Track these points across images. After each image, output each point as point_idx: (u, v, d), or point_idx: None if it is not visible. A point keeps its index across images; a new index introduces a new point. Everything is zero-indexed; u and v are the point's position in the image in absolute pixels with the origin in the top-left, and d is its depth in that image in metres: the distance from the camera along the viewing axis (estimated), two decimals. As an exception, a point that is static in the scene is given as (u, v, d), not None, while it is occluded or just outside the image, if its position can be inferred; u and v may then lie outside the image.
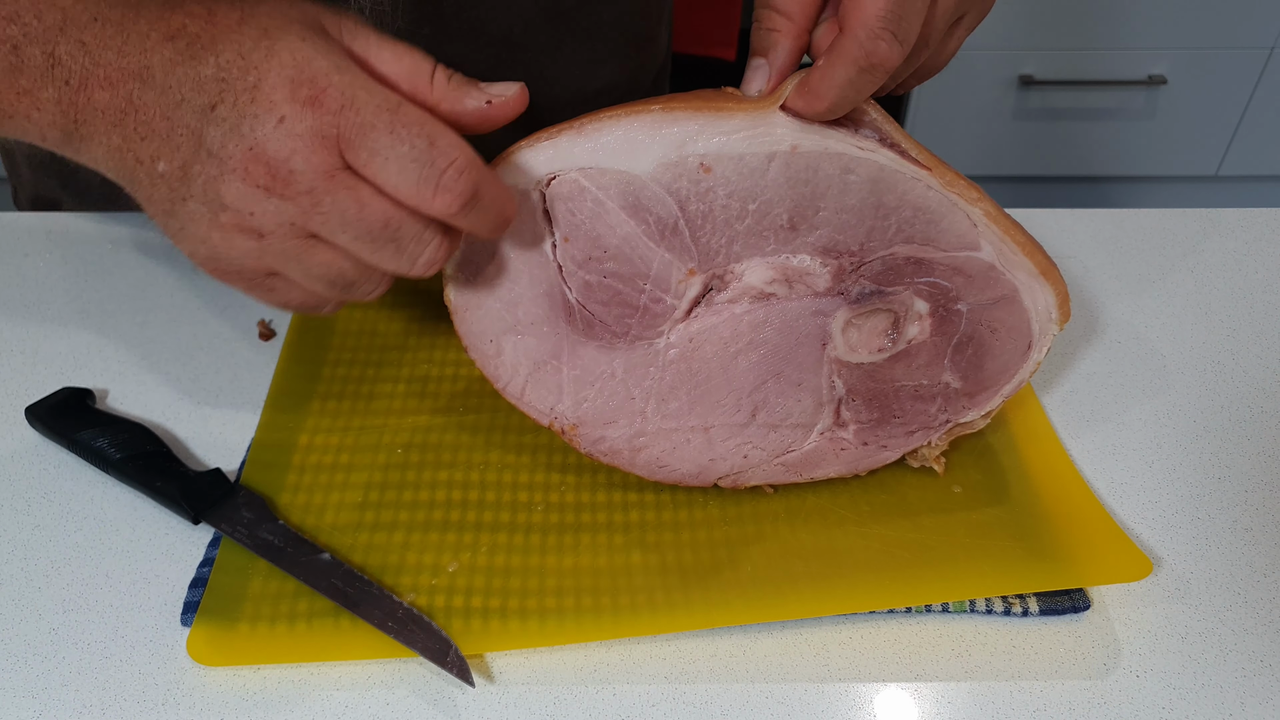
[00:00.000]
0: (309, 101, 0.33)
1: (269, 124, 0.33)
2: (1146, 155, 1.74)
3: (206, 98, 0.34)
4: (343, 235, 0.36)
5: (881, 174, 0.39)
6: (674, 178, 0.39)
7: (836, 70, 0.36)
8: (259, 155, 0.34)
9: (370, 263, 0.37)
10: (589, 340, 0.42)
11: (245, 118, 0.34)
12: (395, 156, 0.34)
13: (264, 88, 0.33)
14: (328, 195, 0.34)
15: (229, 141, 0.34)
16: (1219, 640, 0.42)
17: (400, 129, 0.34)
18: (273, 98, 0.33)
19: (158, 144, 0.35)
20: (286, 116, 0.33)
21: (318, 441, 0.49)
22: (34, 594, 0.43)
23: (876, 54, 0.36)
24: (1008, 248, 0.41)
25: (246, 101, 0.34)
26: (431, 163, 0.34)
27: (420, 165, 0.34)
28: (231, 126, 0.34)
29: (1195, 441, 0.51)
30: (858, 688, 0.40)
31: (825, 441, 0.45)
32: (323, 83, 0.33)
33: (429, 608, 0.42)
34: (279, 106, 0.33)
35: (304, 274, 0.37)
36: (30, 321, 0.57)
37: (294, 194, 0.34)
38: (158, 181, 0.36)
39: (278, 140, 0.34)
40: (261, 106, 0.33)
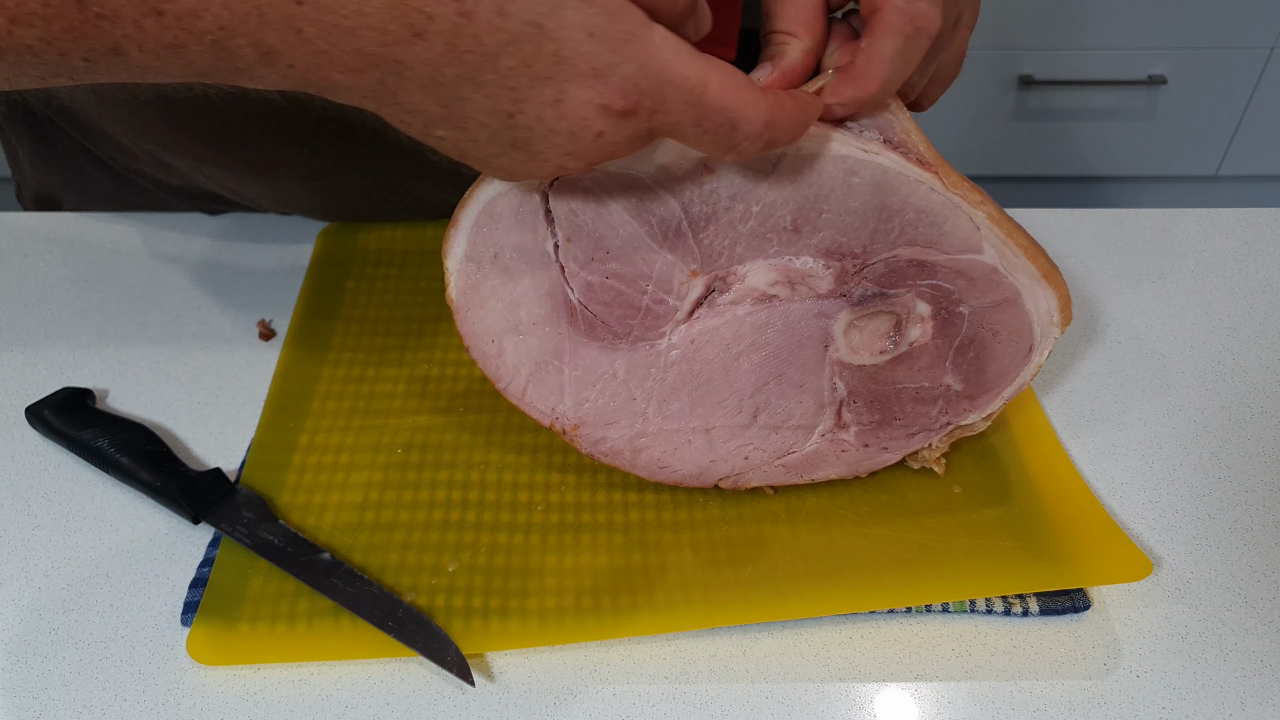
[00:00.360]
0: (623, 115, 0.32)
1: (587, 138, 0.32)
2: (1146, 155, 1.74)
3: (498, 104, 0.31)
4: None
5: (885, 177, 0.39)
6: (677, 179, 0.39)
7: (884, 44, 0.36)
8: (579, 156, 0.33)
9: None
10: (591, 341, 0.42)
11: (557, 133, 0.32)
12: (699, 141, 0.34)
13: (569, 103, 0.31)
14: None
15: (539, 145, 0.32)
16: (1219, 640, 0.42)
17: (705, 121, 0.33)
18: (583, 115, 0.31)
19: (431, 118, 0.33)
20: (604, 132, 0.32)
21: (318, 441, 0.49)
22: (34, 594, 0.43)
23: (920, 16, 0.36)
24: (1010, 251, 0.41)
25: (553, 117, 0.31)
26: (732, 143, 0.34)
27: (720, 143, 0.34)
28: (540, 136, 0.32)
29: (1195, 441, 0.51)
30: (858, 688, 0.40)
31: (826, 443, 0.45)
32: (633, 95, 0.31)
33: (429, 607, 0.42)
34: (593, 123, 0.31)
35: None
36: (30, 321, 0.57)
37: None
38: (437, 141, 0.34)
39: (596, 149, 0.33)
40: (574, 124, 0.31)
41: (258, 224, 0.64)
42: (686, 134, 0.33)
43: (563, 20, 0.30)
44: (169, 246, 0.62)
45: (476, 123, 0.32)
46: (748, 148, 0.34)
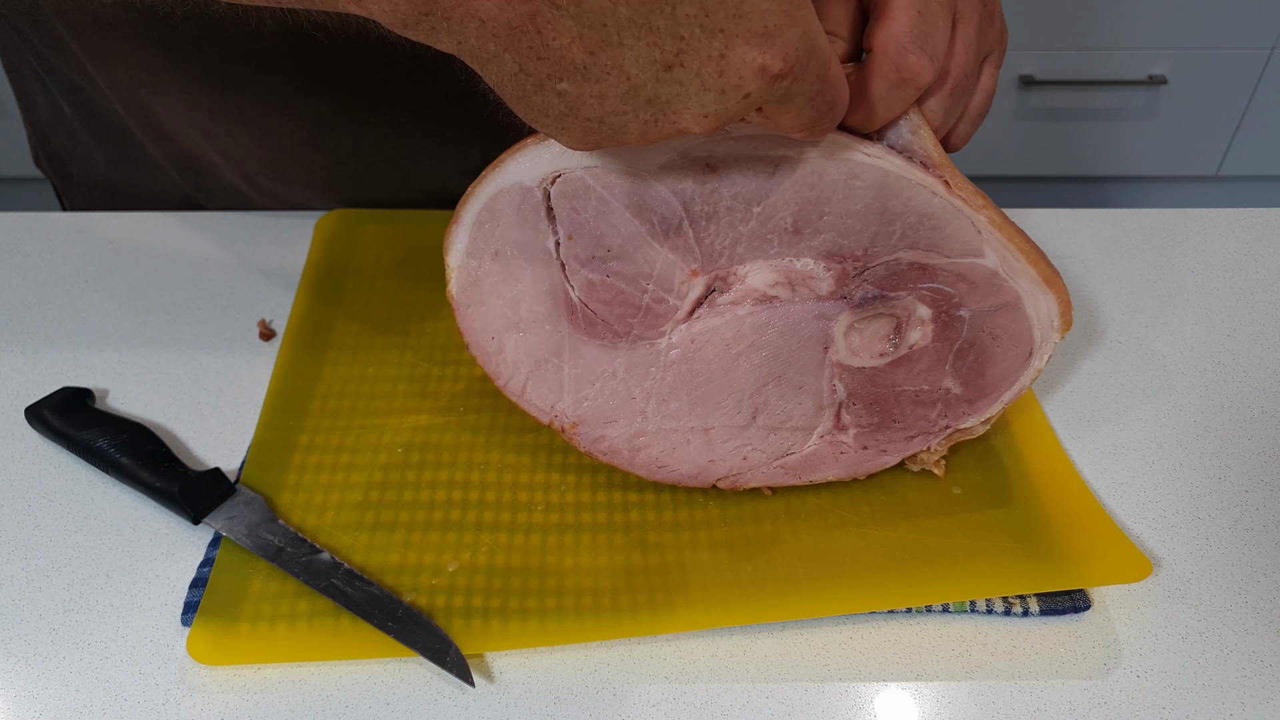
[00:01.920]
0: (776, 77, 0.31)
1: (734, 99, 0.31)
2: (1146, 155, 1.74)
3: (659, 54, 0.30)
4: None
5: (887, 180, 0.39)
6: (679, 178, 0.39)
7: (870, 84, 0.37)
8: (710, 120, 0.32)
9: None
10: (590, 339, 0.42)
11: (709, 90, 0.31)
12: (799, 113, 0.33)
13: (732, 59, 0.30)
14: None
15: (680, 104, 0.31)
16: (1219, 640, 0.42)
17: (817, 98, 0.33)
18: (741, 73, 0.30)
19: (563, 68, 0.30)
20: (752, 94, 0.31)
21: (318, 441, 0.49)
22: (34, 594, 0.43)
23: (907, 68, 0.36)
24: (1011, 255, 0.41)
25: (713, 73, 0.30)
26: (820, 120, 0.34)
27: (812, 120, 0.34)
28: (692, 93, 0.31)
29: (1195, 442, 0.51)
30: (858, 688, 0.40)
31: (825, 445, 0.45)
32: (791, 58, 0.30)
33: (429, 608, 0.42)
34: (747, 82, 0.30)
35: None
36: (30, 321, 0.57)
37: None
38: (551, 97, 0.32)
39: (734, 110, 0.32)
40: (729, 80, 0.30)
41: (258, 223, 0.64)
42: (798, 105, 0.33)
43: None
44: (169, 246, 0.62)
45: (620, 75, 0.30)
46: (825, 127, 0.35)
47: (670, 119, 0.32)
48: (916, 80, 0.36)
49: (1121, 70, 1.62)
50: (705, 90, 0.31)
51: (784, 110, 0.33)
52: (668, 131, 0.32)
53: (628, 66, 0.30)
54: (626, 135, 0.33)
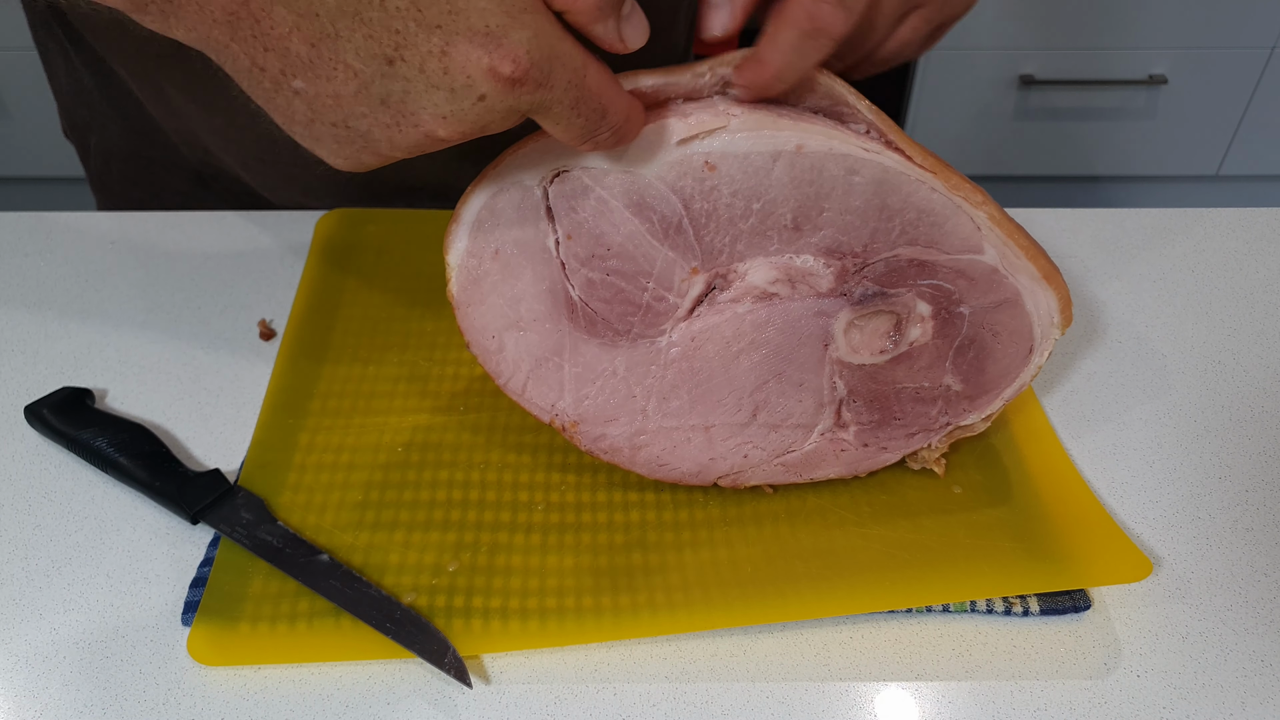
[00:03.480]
0: (510, 82, 0.30)
1: (468, 101, 0.31)
2: (1146, 155, 1.74)
3: (378, 47, 0.30)
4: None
5: (886, 175, 0.39)
6: (678, 176, 0.39)
7: (780, 35, 0.36)
8: (453, 124, 0.31)
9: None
10: (591, 338, 0.42)
11: (438, 88, 0.30)
12: (568, 124, 0.34)
13: (455, 57, 0.30)
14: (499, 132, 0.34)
15: (413, 103, 0.31)
16: (1219, 640, 0.42)
17: (581, 105, 0.33)
18: (469, 72, 0.30)
19: (291, 63, 0.31)
20: (487, 96, 0.31)
21: (318, 441, 0.49)
22: (34, 594, 0.43)
23: (820, 17, 0.35)
24: (1011, 252, 0.41)
25: (437, 70, 0.30)
26: (594, 130, 0.34)
27: (585, 131, 0.34)
28: (420, 90, 0.31)
29: (1195, 441, 0.51)
30: (858, 687, 0.40)
31: (825, 442, 0.45)
32: (524, 62, 0.30)
33: (429, 608, 0.42)
34: (478, 84, 0.30)
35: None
36: (30, 321, 0.57)
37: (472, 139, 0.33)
38: (290, 97, 0.32)
39: (475, 116, 0.31)
40: (457, 79, 0.30)
41: (258, 223, 0.64)
42: (561, 115, 0.33)
43: None
44: (169, 246, 0.62)
45: (346, 70, 0.30)
46: (604, 139, 0.35)
47: (411, 120, 0.31)
48: (829, 31, 0.36)
49: (1121, 70, 1.62)
50: (434, 88, 0.30)
51: (546, 120, 0.33)
52: (415, 137, 0.32)
53: (350, 60, 0.30)
54: (378, 143, 0.32)
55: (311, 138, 0.33)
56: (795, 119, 0.38)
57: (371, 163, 0.34)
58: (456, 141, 0.33)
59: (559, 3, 0.32)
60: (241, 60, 0.31)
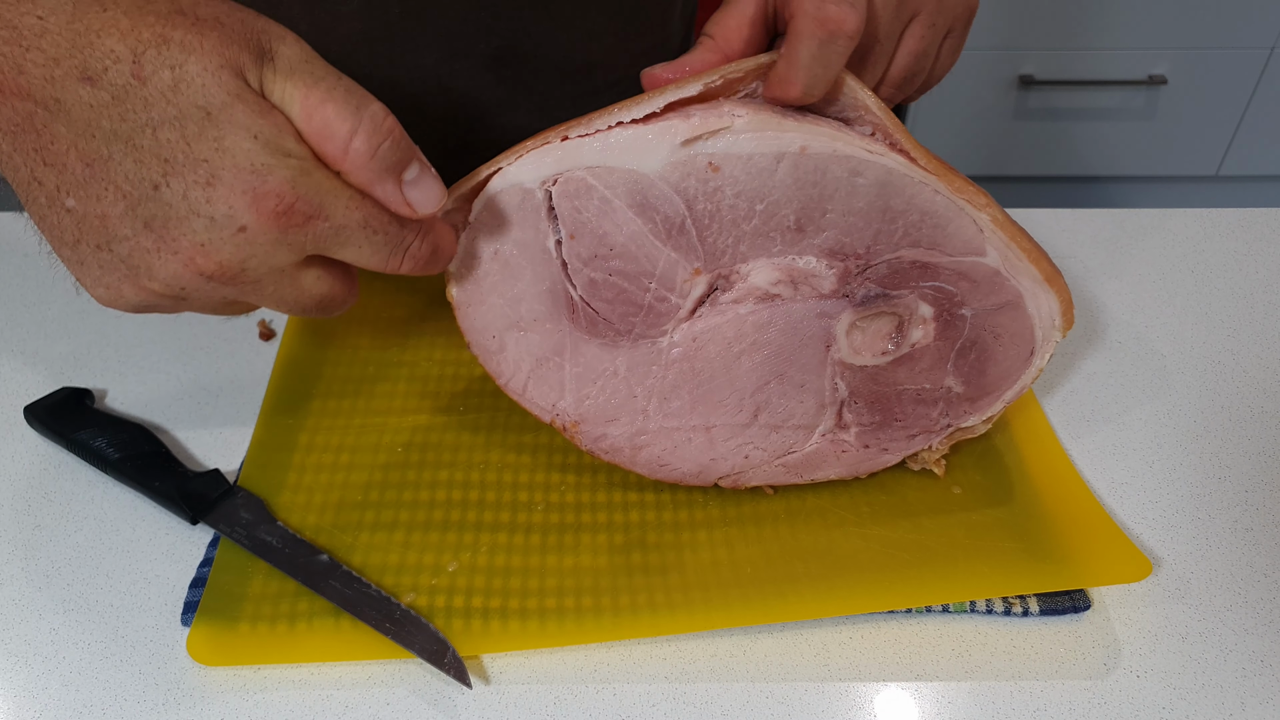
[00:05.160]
0: (275, 215, 0.31)
1: (227, 230, 0.31)
2: (1146, 155, 1.74)
3: (146, 171, 0.31)
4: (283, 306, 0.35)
5: (889, 177, 0.39)
6: (682, 176, 0.39)
7: (799, 50, 0.36)
8: (211, 254, 0.32)
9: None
10: (592, 338, 0.42)
11: (199, 215, 0.31)
12: (366, 246, 0.34)
13: (220, 188, 0.31)
14: (278, 284, 0.34)
15: (175, 229, 0.31)
16: (1219, 640, 0.42)
17: (373, 222, 0.33)
18: (232, 202, 0.31)
19: (67, 179, 0.31)
20: (249, 227, 0.31)
21: (318, 441, 0.49)
22: (34, 594, 0.43)
23: (830, 20, 0.36)
24: (1013, 254, 0.41)
25: (201, 199, 0.31)
26: (399, 242, 0.34)
27: (389, 249, 0.34)
28: (180, 215, 0.31)
29: (1195, 441, 0.51)
30: (858, 688, 0.40)
31: (826, 443, 0.45)
32: (289, 196, 0.31)
33: (429, 608, 0.42)
34: (240, 214, 0.31)
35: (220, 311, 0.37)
36: (30, 321, 0.57)
37: (241, 283, 0.33)
38: (61, 214, 0.32)
39: (235, 247, 0.32)
40: (219, 208, 0.31)
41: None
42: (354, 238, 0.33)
43: (232, 116, 0.30)
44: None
45: (116, 190, 0.31)
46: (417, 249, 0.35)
47: (171, 246, 0.32)
48: (843, 29, 0.36)
49: (1121, 70, 1.62)
50: (195, 215, 0.31)
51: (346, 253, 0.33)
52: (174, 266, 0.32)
53: (120, 182, 0.31)
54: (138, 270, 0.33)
55: (76, 260, 0.33)
56: (799, 120, 0.38)
57: (129, 295, 0.34)
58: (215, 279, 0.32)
59: (332, 164, 0.33)
60: (22, 171, 0.32)
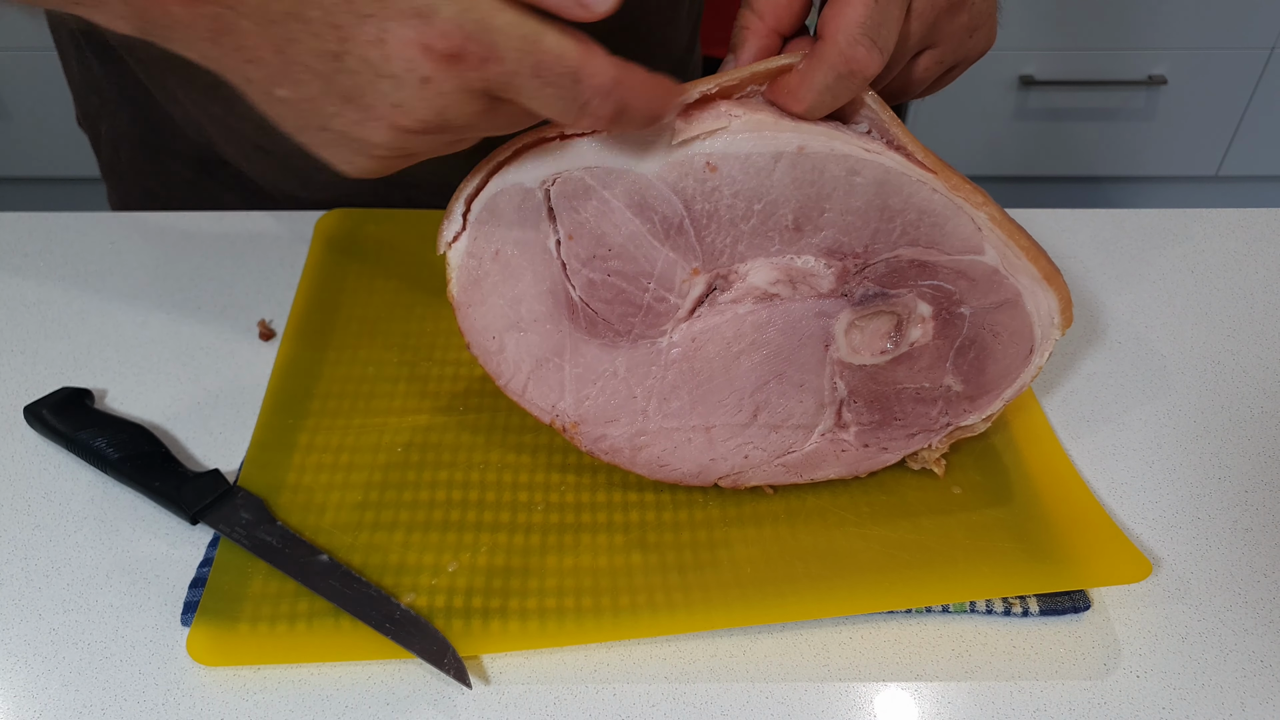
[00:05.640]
0: (449, 59, 0.30)
1: (411, 85, 0.31)
2: (1146, 155, 1.74)
3: (324, 44, 0.30)
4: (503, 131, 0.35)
5: (887, 176, 0.39)
6: (680, 176, 0.39)
7: (815, 75, 0.37)
8: (409, 113, 0.32)
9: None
10: (592, 338, 0.42)
11: (382, 76, 0.31)
12: (542, 97, 0.33)
13: (391, 42, 0.30)
14: (484, 122, 0.33)
15: (368, 96, 0.31)
16: (1219, 640, 0.42)
17: (544, 71, 0.32)
18: (406, 55, 0.30)
19: (270, 71, 0.32)
20: (430, 77, 0.31)
21: (318, 441, 0.49)
22: (34, 594, 0.43)
23: (855, 60, 0.36)
24: (1011, 252, 0.41)
25: (378, 58, 0.30)
26: (576, 97, 0.33)
27: (566, 100, 0.33)
28: (368, 81, 0.31)
29: (1195, 441, 0.51)
30: (858, 688, 0.40)
31: (826, 443, 0.45)
32: (457, 35, 0.30)
33: (429, 608, 0.42)
34: (418, 66, 0.30)
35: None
36: (30, 321, 0.57)
37: (449, 130, 0.33)
38: (279, 106, 0.33)
39: (426, 101, 0.31)
40: (397, 65, 0.30)
41: (258, 223, 0.64)
42: (529, 89, 0.32)
43: None
44: (169, 246, 0.62)
45: (309, 71, 0.31)
46: (599, 106, 0.33)
47: (373, 114, 0.32)
48: (862, 72, 0.37)
49: (1121, 70, 1.62)
50: (381, 77, 0.31)
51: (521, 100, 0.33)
52: (382, 131, 0.32)
53: (308, 61, 0.31)
54: (359, 143, 0.33)
55: (313, 145, 0.34)
56: (796, 120, 0.38)
57: (370, 165, 0.34)
58: (425, 133, 0.32)
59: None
60: (235, 74, 0.32)
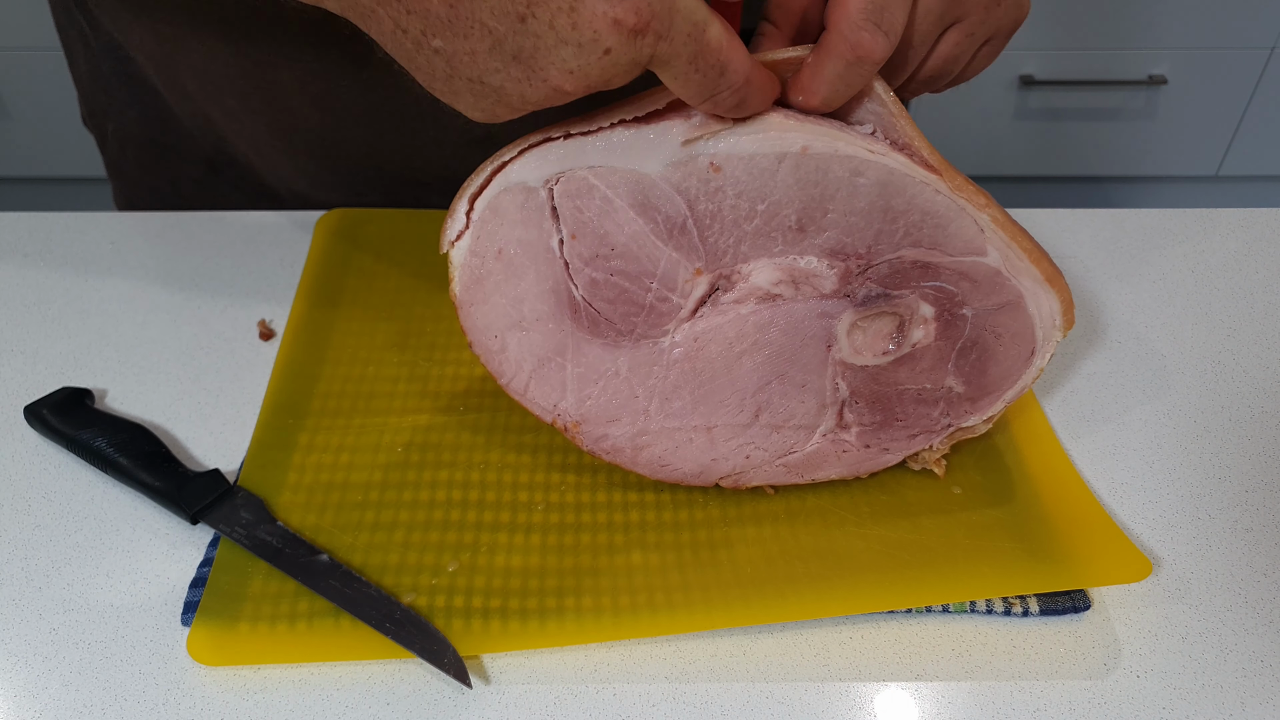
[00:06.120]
0: (634, 33, 0.32)
1: (594, 54, 0.32)
2: (1146, 155, 1.74)
3: (511, 5, 0.32)
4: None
5: (891, 177, 0.39)
6: (683, 176, 0.39)
7: (825, 66, 0.37)
8: (580, 78, 0.33)
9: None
10: (594, 338, 0.42)
11: (566, 43, 0.32)
12: (686, 80, 0.35)
13: (583, 12, 0.31)
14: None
15: (544, 58, 0.33)
16: (1219, 640, 0.42)
17: (699, 60, 0.34)
18: (596, 26, 0.32)
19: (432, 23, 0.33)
20: (613, 49, 0.32)
21: (318, 441, 0.49)
22: (34, 594, 0.43)
23: (861, 46, 0.36)
24: (1014, 254, 0.41)
25: (566, 25, 0.32)
26: (713, 88, 0.35)
27: (703, 89, 0.35)
28: (549, 46, 0.32)
29: (1195, 441, 0.51)
30: (858, 688, 0.40)
31: (827, 443, 0.45)
32: (646, 12, 0.32)
33: (429, 608, 0.42)
34: (604, 37, 0.32)
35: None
36: (30, 321, 0.57)
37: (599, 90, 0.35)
38: (430, 55, 0.34)
39: (601, 68, 0.33)
40: (585, 34, 0.32)
41: (258, 223, 0.64)
42: (679, 69, 0.34)
43: None
44: (169, 246, 0.62)
45: (482, 28, 0.32)
46: (725, 99, 0.36)
47: (540, 75, 0.33)
48: (870, 57, 0.37)
49: (1121, 70, 1.62)
50: (563, 43, 0.32)
51: (665, 75, 0.34)
52: (543, 91, 0.34)
53: (485, 19, 0.32)
54: (510, 97, 0.34)
55: (451, 93, 0.35)
56: (800, 120, 0.38)
57: (503, 115, 0.36)
58: (580, 94, 0.34)
59: None
60: (386, 23, 0.33)
